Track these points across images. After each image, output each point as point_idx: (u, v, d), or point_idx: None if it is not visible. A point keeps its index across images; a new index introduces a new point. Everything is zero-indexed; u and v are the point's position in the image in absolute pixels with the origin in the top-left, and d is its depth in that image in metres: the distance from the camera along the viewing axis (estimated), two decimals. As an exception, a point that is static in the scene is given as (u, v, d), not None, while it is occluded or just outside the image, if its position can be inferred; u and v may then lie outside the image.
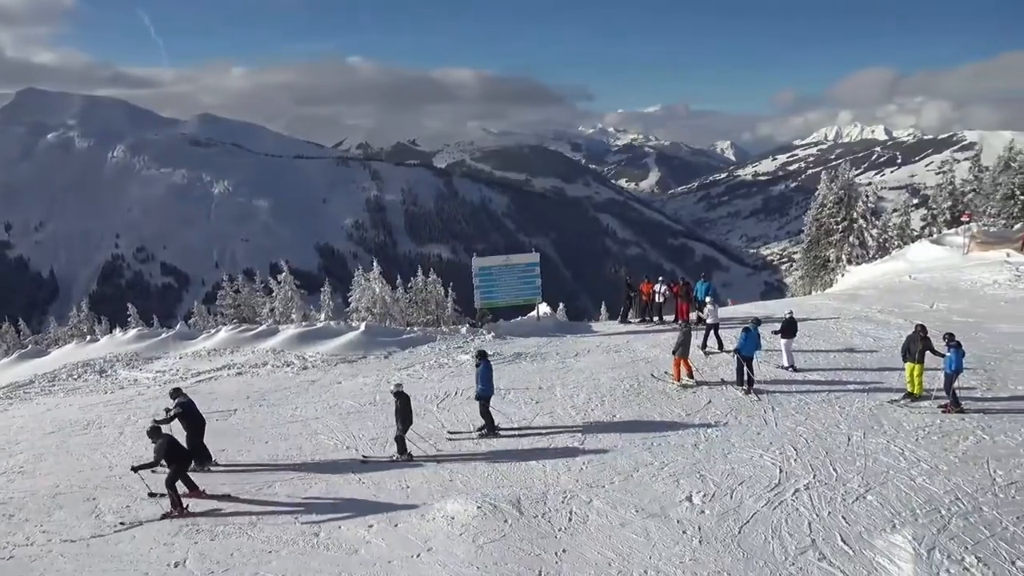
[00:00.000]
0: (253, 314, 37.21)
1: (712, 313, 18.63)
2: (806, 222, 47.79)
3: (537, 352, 19.85)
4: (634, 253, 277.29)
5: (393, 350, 20.84)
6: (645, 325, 23.12)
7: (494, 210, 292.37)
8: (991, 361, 16.20)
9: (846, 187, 44.84)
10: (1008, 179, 40.96)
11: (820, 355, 17.63)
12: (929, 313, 21.68)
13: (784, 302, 29.93)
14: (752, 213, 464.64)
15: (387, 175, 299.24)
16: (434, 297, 37.00)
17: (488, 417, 13.53)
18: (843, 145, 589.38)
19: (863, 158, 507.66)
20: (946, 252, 32.39)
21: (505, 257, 24.83)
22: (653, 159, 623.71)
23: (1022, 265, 27.47)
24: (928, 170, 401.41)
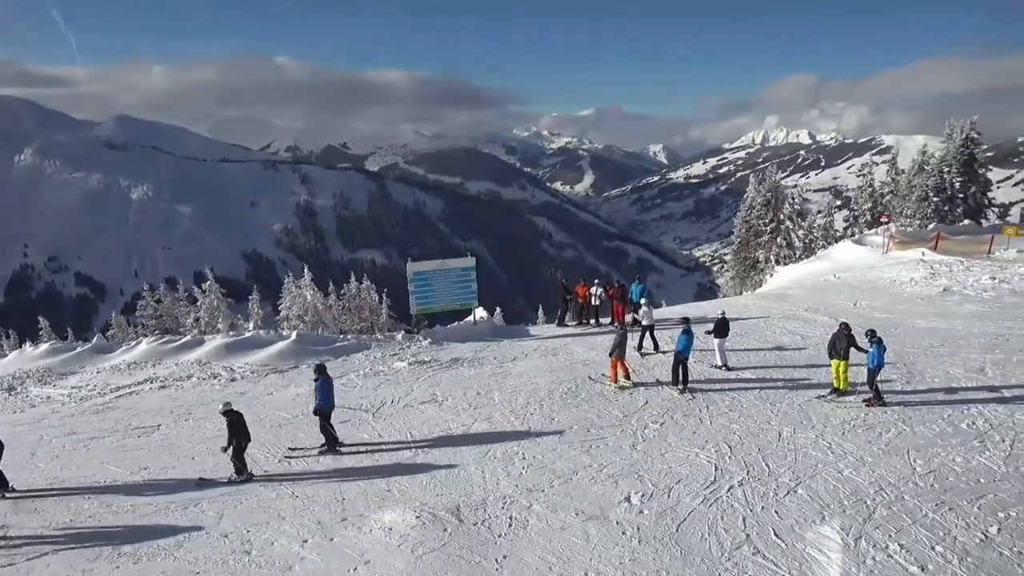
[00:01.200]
0: (176, 325, 35.94)
1: (647, 315, 19.01)
2: (736, 224, 49.37)
3: (474, 357, 19.84)
4: (570, 256, 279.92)
5: (326, 359, 20.45)
6: (582, 328, 23.37)
7: (428, 214, 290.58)
8: (910, 356, 17.07)
9: (773, 190, 46.53)
10: (922, 181, 43.26)
11: (752, 354, 18.21)
12: (852, 311, 22.68)
13: (716, 303, 30.79)
14: (684, 215, 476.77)
15: (317, 179, 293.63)
16: (368, 304, 36.49)
17: (328, 433, 13.20)
18: (770, 149, 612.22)
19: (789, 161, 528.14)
20: (867, 252, 33.96)
21: (440, 261, 24.71)
22: (587, 162, 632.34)
23: (936, 263, 29.05)
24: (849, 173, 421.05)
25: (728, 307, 21.48)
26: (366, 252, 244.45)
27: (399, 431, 14.20)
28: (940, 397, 14.19)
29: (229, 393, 17.53)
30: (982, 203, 44.28)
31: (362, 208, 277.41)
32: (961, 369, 15.92)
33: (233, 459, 12.10)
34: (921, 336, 19.12)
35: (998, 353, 17.03)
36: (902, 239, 33.79)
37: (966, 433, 12.32)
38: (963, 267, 28.14)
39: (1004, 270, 27.07)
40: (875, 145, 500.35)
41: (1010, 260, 29.12)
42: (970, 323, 20.33)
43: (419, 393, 16.61)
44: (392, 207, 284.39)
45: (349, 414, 15.26)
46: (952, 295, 24.52)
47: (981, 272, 26.97)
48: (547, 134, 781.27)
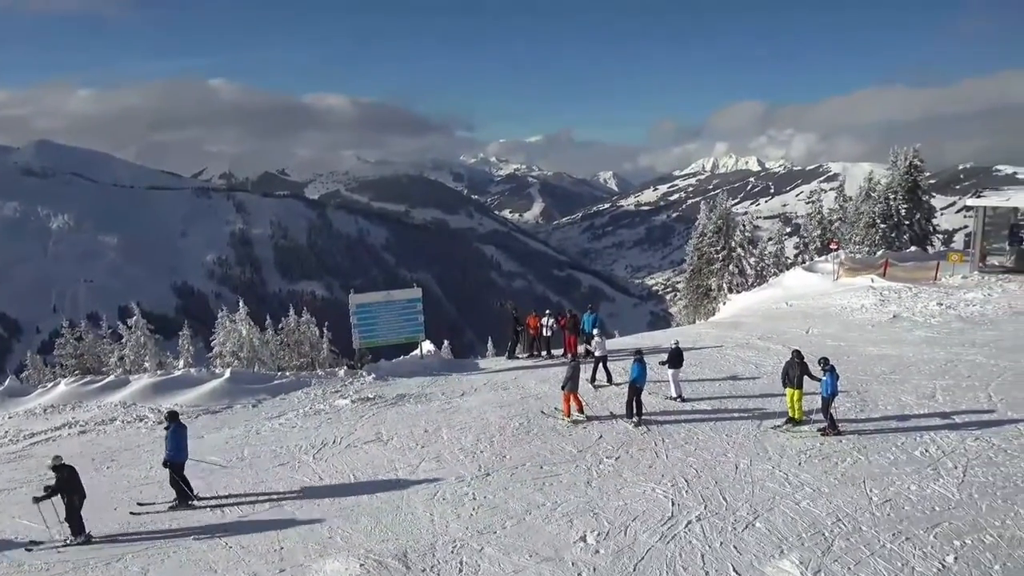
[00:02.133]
0: (99, 364, 34.62)
1: (600, 345, 19.15)
2: (688, 252, 50.48)
3: (421, 393, 19.64)
4: (520, 285, 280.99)
5: (263, 397, 19.99)
6: (533, 360, 23.39)
7: (372, 243, 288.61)
8: (862, 383, 17.58)
9: (724, 217, 47.79)
10: (869, 208, 45.05)
11: (706, 384, 18.49)
12: (805, 338, 23.29)
13: (670, 332, 31.26)
14: (636, 243, 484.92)
15: (254, 207, 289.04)
16: (308, 338, 35.91)
17: (178, 486, 12.54)
18: (720, 176, 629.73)
19: (739, 188, 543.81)
20: (818, 279, 35.03)
21: (385, 293, 24.52)
22: (537, 189, 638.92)
23: (885, 290, 30.14)
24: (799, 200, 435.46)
25: (682, 336, 21.82)
26: (306, 284, 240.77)
27: (341, 473, 13.89)
28: (893, 425, 14.62)
29: (157, 436, 16.91)
30: (927, 230, 46.29)
31: (301, 237, 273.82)
32: (913, 396, 16.45)
33: (67, 520, 11.36)
34: (873, 363, 19.72)
35: (947, 379, 17.68)
36: (852, 266, 34.97)
37: (920, 461, 12.69)
38: (911, 293, 29.24)
39: (950, 296, 28.24)
40: (823, 172, 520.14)
41: (955, 286, 30.41)
42: (920, 349, 21.09)
43: (363, 432, 16.32)
44: (333, 236, 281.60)
45: (288, 455, 14.89)
46: (902, 321, 25.44)
47: (929, 298, 28.08)
48: (495, 160, 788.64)
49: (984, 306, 26.65)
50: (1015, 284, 29.60)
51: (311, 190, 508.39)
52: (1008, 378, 17.50)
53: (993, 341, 21.66)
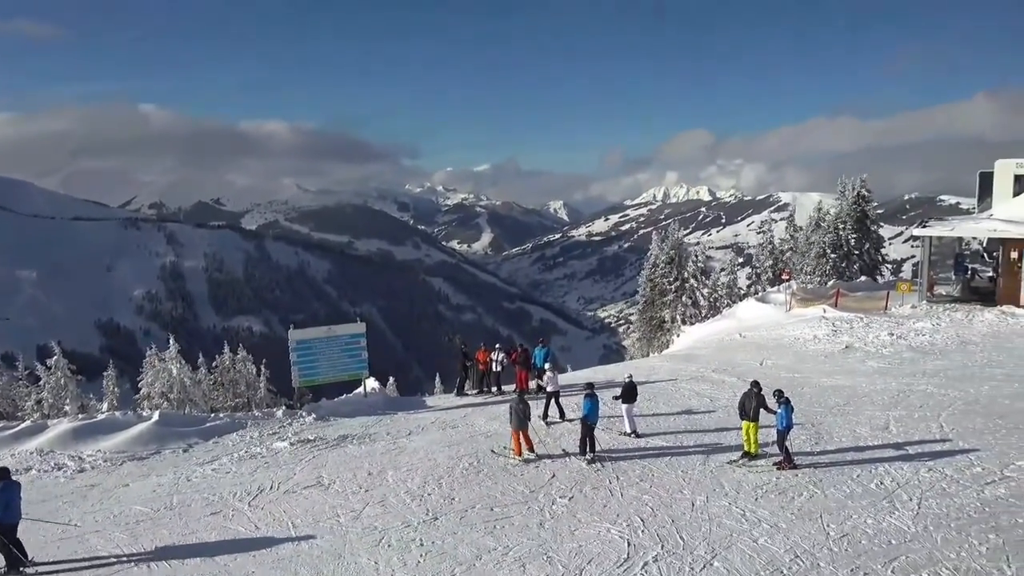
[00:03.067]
0: (13, 408, 33.20)
1: (552, 380, 19.18)
2: (640, 283, 51.25)
3: (365, 433, 19.35)
4: (469, 319, 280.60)
5: (194, 441, 19.40)
6: (483, 396, 23.28)
7: (313, 276, 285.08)
8: (817, 416, 17.97)
9: (676, 247, 48.77)
10: (819, 238, 46.55)
11: (661, 418, 18.65)
12: (759, 370, 23.73)
13: (623, 365, 31.53)
14: (588, 274, 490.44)
15: (186, 238, 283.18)
16: (244, 377, 35.17)
17: (8, 551, 11.37)
18: (671, 205, 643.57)
19: (690, 218, 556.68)
20: (771, 309, 35.89)
21: (326, 328, 24.23)
22: (485, 219, 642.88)
23: (837, 320, 31.02)
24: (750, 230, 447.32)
25: (635, 370, 22.00)
26: (242, 319, 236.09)
27: (279, 521, 13.51)
28: (849, 457, 14.95)
29: (78, 486, 16.22)
30: (876, 259, 48.02)
31: (237, 270, 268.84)
32: (867, 428, 16.87)
33: None
34: (827, 395, 20.19)
35: (900, 410, 18.20)
36: (804, 296, 35.95)
37: (875, 493, 12.98)
38: (863, 323, 30.16)
39: (901, 326, 29.22)
40: (773, 202, 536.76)
41: (905, 316, 31.47)
42: (872, 380, 21.70)
43: (302, 476, 15.94)
44: (272, 269, 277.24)
45: (221, 503, 14.43)
46: (854, 352, 26.17)
47: (880, 328, 28.99)
48: (442, 190, 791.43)
49: (933, 336, 27.63)
50: (961, 313, 30.78)
51: (248, 220, 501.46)
52: (958, 408, 18.11)
53: (943, 371, 22.43)
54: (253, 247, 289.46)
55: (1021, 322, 27.17)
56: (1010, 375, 21.40)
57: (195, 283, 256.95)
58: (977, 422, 16.80)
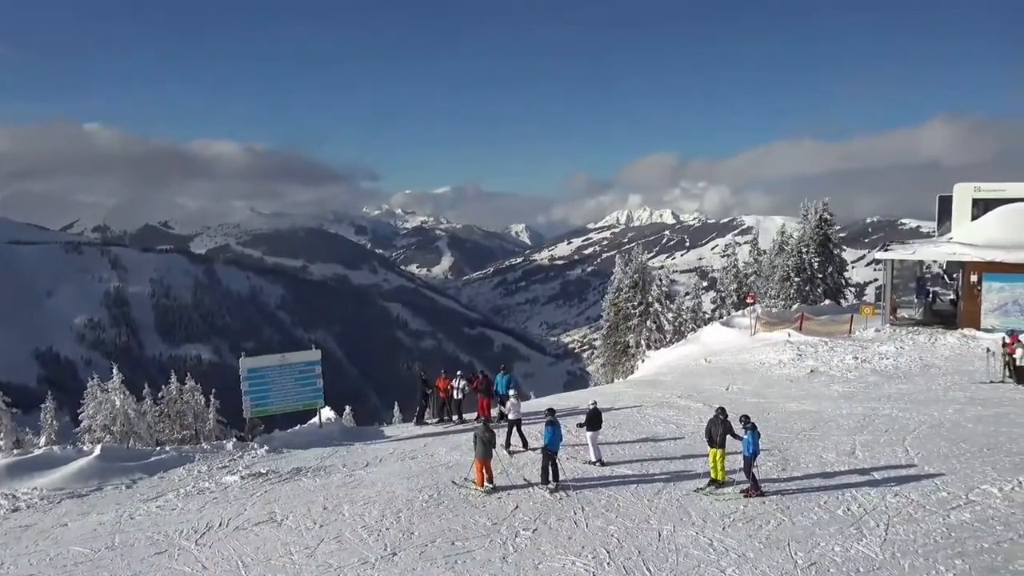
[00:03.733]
0: (-58, 444, 32.09)
1: (514, 408, 19.13)
2: (604, 307, 51.63)
3: (320, 465, 19.03)
4: (429, 345, 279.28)
5: (139, 477, 18.88)
6: (443, 426, 23.12)
7: (266, 301, 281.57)
8: (783, 441, 18.20)
9: (640, 271, 49.29)
10: (783, 261, 47.49)
11: (626, 446, 18.70)
12: (725, 395, 24.02)
13: (588, 392, 31.64)
14: (551, 299, 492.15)
15: (132, 263, 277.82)
16: (192, 408, 34.53)
17: None
18: (635, 229, 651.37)
19: (654, 241, 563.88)
20: (736, 334, 36.41)
21: (279, 356, 23.88)
22: (445, 242, 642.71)
23: (802, 344, 31.59)
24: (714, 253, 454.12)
25: (600, 396, 22.06)
26: (190, 347, 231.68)
27: (228, 560, 13.17)
28: (816, 483, 15.13)
29: (12, 526, 15.65)
30: (840, 283, 49.11)
31: (186, 296, 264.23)
32: (833, 453, 17.13)
33: None
34: (793, 420, 20.48)
35: (866, 434, 18.53)
36: (768, 320, 36.55)
37: (843, 520, 13.14)
38: (827, 347, 30.75)
39: (865, 350, 29.87)
40: (737, 225, 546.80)
41: (869, 339, 32.17)
42: (838, 404, 22.09)
43: (253, 512, 15.60)
44: (222, 294, 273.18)
45: (167, 542, 14.04)
46: (819, 376, 26.65)
47: (844, 352, 29.60)
48: (401, 212, 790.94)
49: (897, 359, 28.28)
50: (924, 337, 31.59)
51: (197, 244, 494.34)
52: (923, 431, 18.51)
53: (907, 394, 22.95)
54: (202, 272, 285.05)
55: (982, 345, 27.92)
56: (972, 398, 21.97)
57: (141, 310, 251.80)
58: (941, 446, 17.18)
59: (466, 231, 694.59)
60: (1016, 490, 13.93)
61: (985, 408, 20.58)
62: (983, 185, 37.22)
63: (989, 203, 36.16)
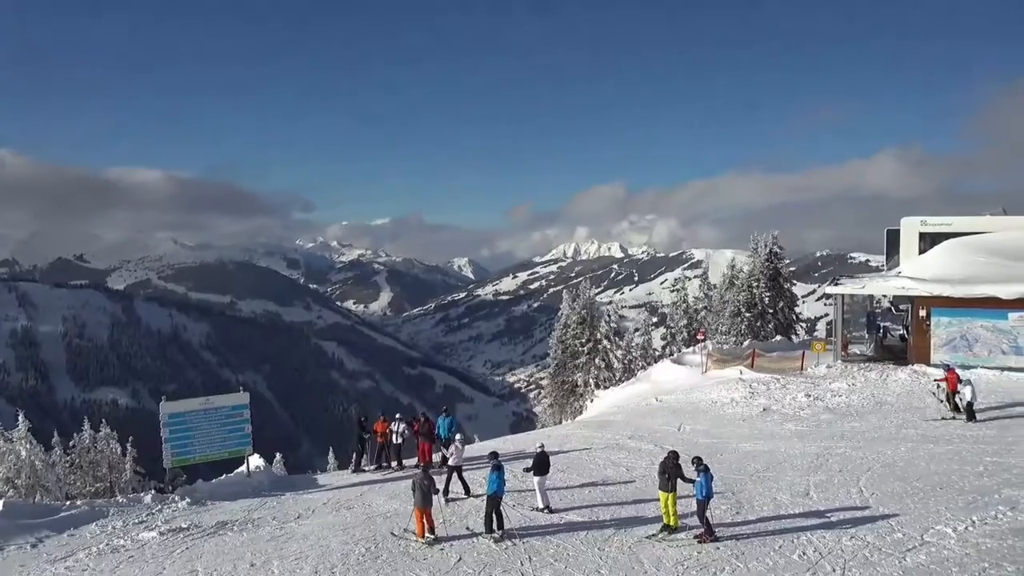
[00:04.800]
0: None
1: (456, 452, 18.97)
2: (551, 345, 51.83)
3: (247, 519, 18.52)
4: (366, 387, 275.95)
5: (46, 535, 18.06)
6: (382, 473, 22.82)
7: (189, 341, 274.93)
8: (737, 483, 18.41)
9: (588, 307, 49.74)
10: (733, 296, 48.51)
11: (575, 491, 18.67)
12: (677, 436, 24.27)
13: (534, 434, 31.59)
14: (495, 336, 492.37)
15: (42, 299, 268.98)
16: (106, 458, 33.40)
17: None
18: (582, 263, 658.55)
19: (602, 276, 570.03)
20: (687, 371, 36.92)
21: (204, 399, 23.30)
22: (384, 277, 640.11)
23: (754, 382, 32.17)
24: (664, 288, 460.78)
25: (547, 439, 22.09)
26: (106, 391, 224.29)
27: (145, 625, 12.67)
28: (770, 527, 15.32)
29: None
30: (791, 318, 50.33)
31: (102, 335, 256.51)
32: (787, 494, 17.40)
33: None
34: (746, 460, 20.77)
35: (820, 474, 18.89)
36: (720, 357, 37.19)
37: (798, 565, 13.31)
38: (779, 385, 31.39)
39: (817, 387, 30.58)
40: (686, 259, 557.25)
41: (821, 376, 32.96)
42: (791, 444, 22.50)
43: (173, 571, 15.06)
44: (142, 333, 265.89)
45: (75, 608, 13.43)
46: (772, 415, 27.14)
47: (797, 390, 30.24)
48: (337, 245, 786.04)
49: (849, 396, 29.02)
50: (875, 373, 32.50)
51: (116, 279, 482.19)
52: (877, 471, 18.96)
53: (860, 433, 23.53)
54: (121, 309, 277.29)
55: (933, 381, 28.85)
56: (924, 436, 22.63)
57: (51, 350, 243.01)
58: (896, 485, 17.61)
59: (406, 265, 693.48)
60: (970, 530, 14.32)
61: (937, 446, 21.21)
62: (930, 219, 38.82)
63: (936, 237, 37.71)
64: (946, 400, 24.96)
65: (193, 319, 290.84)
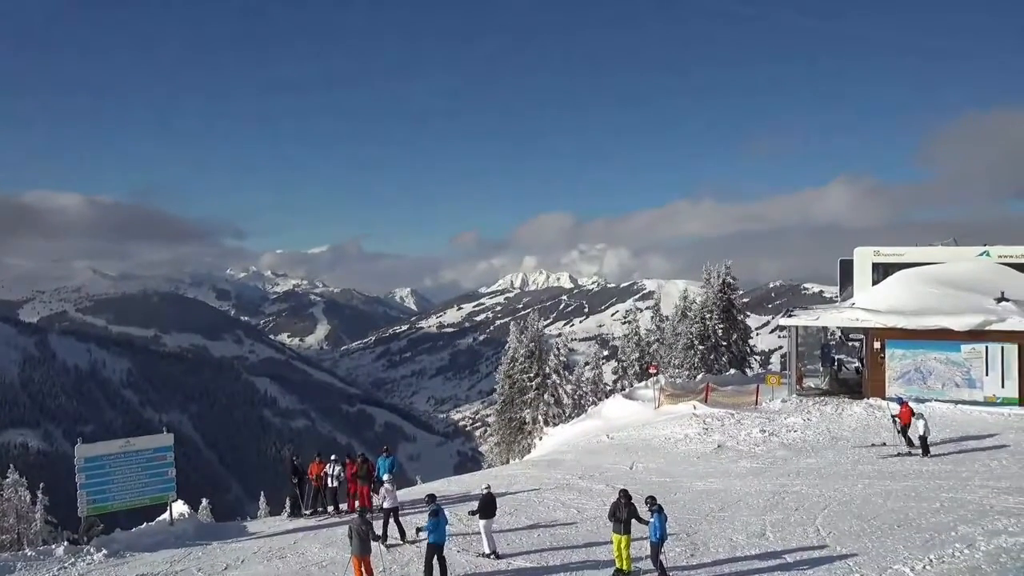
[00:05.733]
0: None
1: (389, 495, 18.71)
2: (498, 380, 51.79)
3: (170, 571, 18.02)
4: (301, 425, 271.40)
5: (-58, 593, 17.32)
6: (317, 518, 22.47)
7: (109, 378, 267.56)
8: (691, 524, 18.52)
9: (536, 340, 49.89)
10: (686, 328, 49.17)
11: (523, 535, 18.56)
12: (629, 475, 24.36)
13: (480, 475, 31.40)
14: (439, 370, 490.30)
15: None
16: (15, 506, 32.27)
17: None
18: (530, 293, 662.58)
19: (551, 307, 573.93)
20: (639, 407, 37.21)
21: (124, 441, 22.67)
22: (321, 308, 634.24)
23: (708, 417, 32.54)
24: (614, 319, 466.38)
25: (494, 480, 21.99)
26: (15, 433, 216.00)
27: None
28: (726, 570, 15.41)
29: None
30: (745, 351, 51.16)
31: (11, 372, 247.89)
32: (743, 535, 17.55)
33: None
34: (701, 500, 20.92)
35: (776, 514, 19.11)
36: (672, 392, 37.58)
37: (755, 608, 13.40)
38: (734, 420, 31.80)
39: (772, 422, 31.06)
40: (637, 290, 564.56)
41: (776, 411, 33.49)
42: (747, 482, 22.75)
43: (87, 630, 14.52)
44: (57, 370, 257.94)
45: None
46: (726, 451, 27.45)
47: (751, 425, 30.68)
48: (271, 275, 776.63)
49: (805, 432, 29.52)
50: (831, 407, 33.13)
51: (28, 311, 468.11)
52: (834, 509, 19.26)
53: (816, 469, 23.92)
54: (33, 344, 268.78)
55: (889, 414, 29.52)
56: (881, 471, 23.11)
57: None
58: (853, 524, 17.89)
59: (345, 296, 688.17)
60: (927, 568, 14.60)
61: (894, 482, 21.67)
62: (883, 249, 40.00)
63: (889, 267, 38.84)
64: (900, 434, 25.59)
65: (113, 354, 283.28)
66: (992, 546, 14.64)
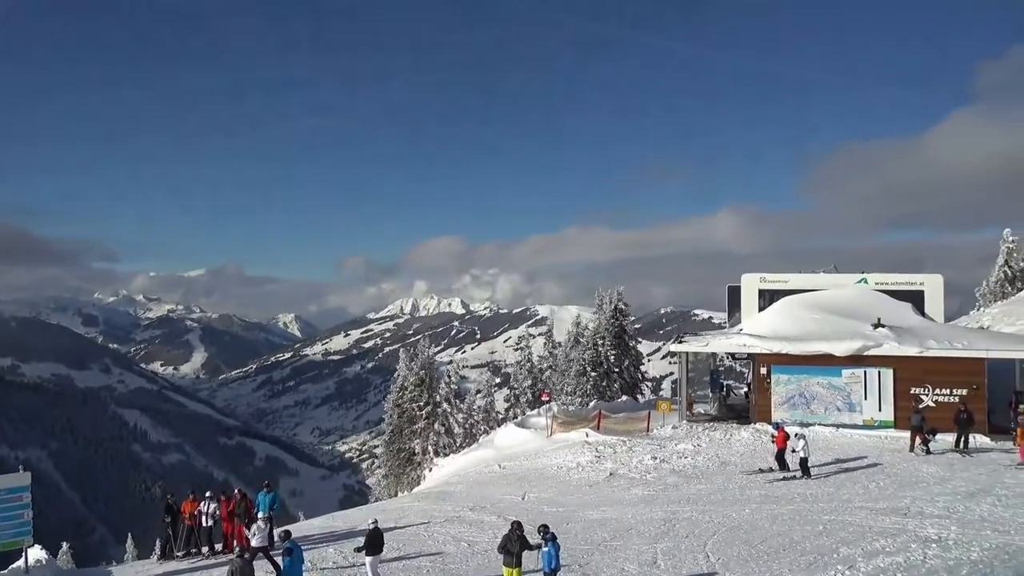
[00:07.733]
0: None
1: (260, 532, 18.15)
2: (387, 409, 51.22)
3: (25, 622, 16.91)
4: (174, 460, 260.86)
5: None
6: (190, 560, 21.60)
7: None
8: (584, 554, 18.70)
9: (427, 367, 49.62)
10: (579, 355, 49.91)
11: (412, 571, 18.33)
12: (521, 505, 24.44)
13: (367, 509, 30.89)
14: (325, 400, 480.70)
15: None
16: None
17: None
18: (421, 319, 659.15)
19: (442, 333, 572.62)
20: (531, 435, 37.45)
21: (-26, 482, 21.25)
22: (197, 335, 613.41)
23: (600, 445, 33.04)
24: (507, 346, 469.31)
25: (381, 514, 21.66)
26: None
27: None
28: (618, 599, 15.62)
29: None
30: (636, 377, 52.31)
31: None
32: (635, 564, 17.84)
33: None
34: (593, 529, 21.18)
35: (668, 541, 19.53)
36: (565, 419, 38.01)
37: (646, 638, 13.62)
38: (626, 447, 32.40)
39: (663, 448, 31.79)
40: (530, 316, 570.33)
41: (667, 437, 34.32)
42: (638, 509, 23.17)
43: None
44: None
45: None
46: (619, 479, 27.91)
47: (643, 452, 31.32)
48: (143, 299, 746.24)
49: (695, 458, 30.34)
50: (720, 432, 34.20)
51: None
52: (723, 534, 19.83)
53: (706, 495, 24.59)
54: None
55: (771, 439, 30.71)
56: (767, 496, 23.96)
57: None
58: (741, 549, 18.46)
59: (224, 321, 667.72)
60: (812, 591, 15.21)
61: (779, 506, 22.50)
62: (768, 276, 41.65)
63: (775, 294, 40.47)
64: (775, 459, 26.64)
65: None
66: (871, 567, 15.35)
